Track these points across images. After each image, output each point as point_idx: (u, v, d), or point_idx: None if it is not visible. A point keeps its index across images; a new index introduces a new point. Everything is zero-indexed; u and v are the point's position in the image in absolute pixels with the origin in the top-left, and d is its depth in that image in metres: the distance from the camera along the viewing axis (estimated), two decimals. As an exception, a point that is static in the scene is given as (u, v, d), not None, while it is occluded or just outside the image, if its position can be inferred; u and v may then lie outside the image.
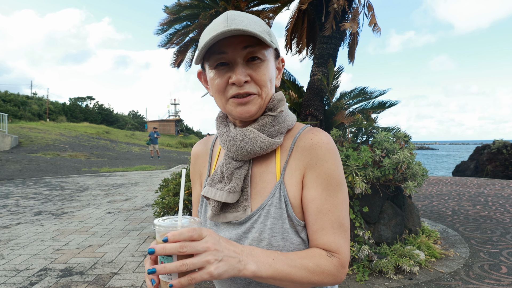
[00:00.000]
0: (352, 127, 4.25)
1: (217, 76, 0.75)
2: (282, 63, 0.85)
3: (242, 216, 0.78)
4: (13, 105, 32.07)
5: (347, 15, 5.02)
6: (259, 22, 0.75)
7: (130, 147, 25.87)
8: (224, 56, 0.73)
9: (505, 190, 8.68)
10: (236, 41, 0.72)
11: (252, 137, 0.76)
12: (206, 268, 0.59)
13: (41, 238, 4.78)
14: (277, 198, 0.75)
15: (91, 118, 41.34)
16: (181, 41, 6.54)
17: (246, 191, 0.79)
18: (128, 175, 12.77)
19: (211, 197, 0.79)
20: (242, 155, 0.78)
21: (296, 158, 0.77)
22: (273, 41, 0.76)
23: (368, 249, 3.45)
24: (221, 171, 0.81)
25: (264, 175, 0.79)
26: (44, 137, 21.17)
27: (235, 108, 0.76)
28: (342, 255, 0.73)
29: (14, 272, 3.54)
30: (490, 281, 3.21)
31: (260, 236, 0.75)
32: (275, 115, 0.79)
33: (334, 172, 0.75)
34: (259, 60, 0.74)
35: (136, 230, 5.15)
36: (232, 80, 0.73)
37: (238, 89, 0.73)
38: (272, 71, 0.77)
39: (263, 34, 0.72)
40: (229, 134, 0.79)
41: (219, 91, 0.76)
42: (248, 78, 0.73)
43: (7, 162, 14.09)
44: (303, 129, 0.81)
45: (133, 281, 3.29)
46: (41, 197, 8.08)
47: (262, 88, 0.75)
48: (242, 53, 0.72)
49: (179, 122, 51.38)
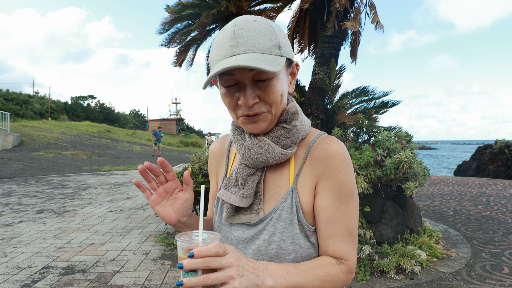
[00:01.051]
0: (353, 127, 4.25)
1: (228, 95, 0.76)
2: (297, 67, 0.85)
3: (255, 219, 0.81)
4: (15, 103, 32.17)
5: (348, 14, 5.01)
6: (268, 34, 0.72)
7: (132, 146, 25.92)
8: (232, 77, 0.74)
9: (507, 190, 8.66)
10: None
11: (266, 148, 0.79)
12: (230, 284, 0.60)
13: (43, 236, 4.80)
14: (289, 204, 0.78)
15: (93, 117, 41.42)
16: (182, 40, 6.54)
17: (259, 195, 0.82)
18: (130, 174, 12.79)
19: (226, 200, 0.83)
20: (256, 164, 0.80)
21: (309, 167, 0.80)
22: (283, 53, 0.74)
23: (370, 249, 3.45)
24: (236, 176, 0.84)
25: (278, 181, 0.82)
26: (46, 136, 21.22)
27: (246, 125, 0.79)
28: (351, 261, 0.77)
29: (16, 269, 3.55)
30: (492, 282, 3.20)
31: (270, 238, 0.78)
32: (289, 128, 0.80)
33: (347, 182, 0.77)
34: (267, 79, 0.73)
35: (138, 229, 5.17)
36: (240, 102, 0.74)
37: (248, 110, 0.75)
38: (282, 86, 0.77)
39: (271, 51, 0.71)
40: (244, 143, 0.82)
41: (230, 108, 0.79)
42: (257, 100, 0.74)
43: (10, 160, 14.13)
44: (318, 137, 0.83)
45: (134, 279, 3.31)
46: (43, 196, 8.11)
47: (272, 105, 0.76)
48: (249, 74, 0.72)
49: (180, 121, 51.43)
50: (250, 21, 0.73)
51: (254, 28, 0.72)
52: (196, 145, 34.36)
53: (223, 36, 0.73)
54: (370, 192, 3.51)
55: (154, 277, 3.38)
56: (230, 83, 0.74)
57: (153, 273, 3.47)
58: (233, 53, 0.70)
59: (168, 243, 4.35)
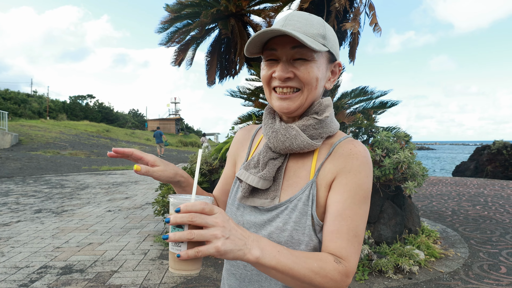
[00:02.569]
0: (352, 127, 4.26)
1: (265, 68, 0.81)
2: (339, 67, 0.87)
3: (269, 204, 0.82)
4: (13, 103, 32.06)
5: (348, 15, 5.01)
6: (317, 25, 0.79)
7: (131, 145, 25.87)
8: (274, 52, 0.79)
9: (504, 190, 8.69)
10: (286, 41, 0.77)
11: (293, 134, 0.80)
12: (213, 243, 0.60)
13: (41, 235, 4.79)
14: (306, 195, 0.79)
15: (91, 117, 41.32)
16: (182, 40, 6.53)
17: (278, 182, 0.83)
18: (128, 174, 12.77)
19: (244, 180, 0.83)
20: (280, 148, 0.82)
21: (331, 163, 0.80)
22: (326, 44, 0.79)
23: (368, 249, 3.45)
24: (258, 158, 0.85)
25: (299, 171, 0.83)
26: (44, 135, 21.17)
27: (276, 101, 0.81)
28: (350, 264, 0.73)
29: (14, 269, 3.54)
30: (490, 281, 3.21)
31: (283, 226, 0.78)
32: (320, 119, 0.82)
33: (364, 184, 0.77)
34: (304, 60, 0.77)
35: (136, 229, 5.16)
36: (274, 75, 0.78)
37: (280, 82, 0.79)
38: (319, 72, 0.79)
39: (315, 37, 0.76)
40: (273, 126, 0.84)
41: (265, 81, 0.82)
42: (291, 75, 0.78)
43: (7, 160, 14.09)
44: (345, 138, 0.84)
45: (133, 279, 3.30)
46: (41, 195, 8.09)
47: (305, 85, 0.79)
48: (290, 52, 0.77)
49: (179, 121, 51.38)
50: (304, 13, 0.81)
51: (306, 17, 0.79)
52: (195, 144, 34.33)
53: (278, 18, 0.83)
54: (369, 192, 3.52)
55: (152, 276, 3.37)
56: (271, 57, 0.79)
57: (152, 273, 3.46)
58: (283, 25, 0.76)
59: (166, 243, 4.35)
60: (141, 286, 3.16)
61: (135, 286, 3.16)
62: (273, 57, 0.79)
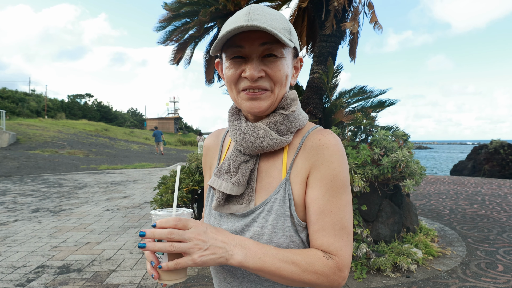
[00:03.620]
0: (351, 126, 4.26)
1: (232, 67, 0.75)
2: (301, 63, 0.85)
3: (245, 209, 0.79)
4: (11, 101, 31.94)
5: (347, 14, 5.01)
6: (281, 19, 0.75)
7: (129, 144, 25.82)
8: (241, 50, 0.73)
9: (501, 189, 8.72)
10: (254, 37, 0.72)
11: (261, 133, 0.77)
12: (190, 255, 0.65)
13: (38, 235, 4.77)
14: (281, 195, 0.76)
15: (90, 116, 41.23)
16: (180, 38, 6.51)
17: (252, 185, 0.79)
18: (127, 173, 12.75)
19: (217, 188, 0.80)
20: (250, 150, 0.78)
21: (302, 157, 0.77)
22: (292, 39, 0.76)
23: (366, 247, 3.46)
24: (229, 163, 0.82)
25: (270, 171, 0.80)
26: (42, 134, 21.10)
27: (246, 101, 0.77)
28: (341, 257, 0.72)
29: (11, 269, 3.53)
30: (487, 279, 3.22)
31: (261, 230, 0.75)
32: (287, 114, 0.79)
33: (340, 174, 0.74)
34: (275, 57, 0.74)
35: (135, 228, 5.15)
36: (245, 74, 0.74)
37: (251, 83, 0.74)
38: (287, 69, 0.77)
39: (283, 32, 0.73)
40: (239, 127, 0.80)
41: (232, 81, 0.77)
42: (262, 74, 0.74)
43: (5, 159, 14.04)
44: (313, 129, 0.81)
45: (131, 278, 3.29)
46: (39, 194, 8.06)
47: (276, 84, 0.76)
48: (259, 49, 0.73)
49: (178, 120, 51.32)
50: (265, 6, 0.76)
51: (269, 11, 0.75)
52: (194, 144, 34.29)
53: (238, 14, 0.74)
54: (367, 190, 3.52)
55: (150, 276, 3.37)
56: (238, 54, 0.74)
57: (150, 272, 3.46)
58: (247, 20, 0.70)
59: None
60: (139, 285, 3.15)
61: (132, 285, 3.15)
62: (239, 54, 0.74)
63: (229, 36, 0.71)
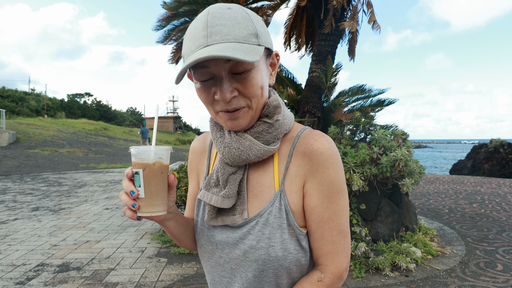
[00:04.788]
0: (350, 125, 4.26)
1: (203, 90, 0.71)
2: (277, 57, 0.79)
3: (239, 220, 0.76)
4: (11, 101, 31.93)
5: (346, 12, 5.01)
6: (244, 22, 0.68)
7: (128, 143, 25.82)
8: (207, 70, 0.68)
9: (501, 188, 8.72)
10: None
11: (247, 145, 0.74)
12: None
13: (38, 233, 4.78)
14: (277, 207, 0.74)
15: (89, 115, 41.21)
16: (179, 38, 6.51)
17: (242, 194, 0.77)
18: (126, 172, 12.75)
19: (207, 202, 0.78)
20: (237, 162, 0.76)
21: (296, 165, 0.75)
22: (261, 42, 0.69)
23: (365, 246, 3.46)
24: (217, 175, 0.79)
25: (261, 179, 0.78)
26: (42, 133, 21.09)
27: (226, 122, 0.74)
28: (338, 264, 0.75)
29: (11, 267, 3.53)
30: (486, 279, 3.23)
31: (257, 244, 0.74)
32: (271, 123, 0.76)
33: (336, 179, 0.73)
34: (245, 71, 0.68)
35: (134, 226, 5.15)
36: (217, 97, 0.69)
37: (226, 105, 0.70)
38: (262, 77, 0.72)
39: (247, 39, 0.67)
40: (223, 140, 0.77)
41: (207, 104, 0.73)
42: (235, 93, 0.69)
43: (5, 158, 14.04)
44: (302, 132, 0.78)
45: (130, 277, 3.30)
46: (39, 193, 8.06)
47: (252, 99, 0.71)
48: (225, 66, 0.67)
49: (177, 119, 51.30)
50: (224, 9, 0.68)
51: (229, 16, 0.67)
52: (193, 143, 34.27)
53: (196, 26, 0.68)
54: (366, 189, 3.52)
55: (149, 274, 3.37)
56: (206, 77, 0.69)
57: (149, 271, 3.46)
58: (206, 44, 0.65)
59: (164, 241, 4.34)
60: (138, 284, 3.16)
61: (132, 284, 3.15)
62: (208, 76, 0.69)
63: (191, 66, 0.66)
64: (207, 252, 0.82)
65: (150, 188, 0.69)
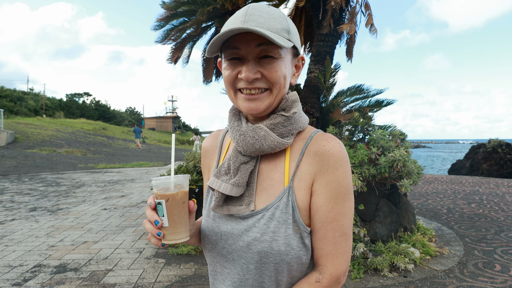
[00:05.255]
0: (348, 125, 4.26)
1: (229, 68, 0.76)
2: (302, 62, 0.85)
3: (245, 211, 0.78)
4: (9, 100, 31.83)
5: (344, 13, 5.00)
6: (279, 18, 0.75)
7: (127, 143, 25.77)
8: (237, 51, 0.74)
9: (499, 188, 8.74)
10: (250, 38, 0.72)
11: (262, 135, 0.77)
12: None
13: (35, 234, 4.76)
14: (284, 203, 0.76)
15: (88, 114, 41.12)
16: (178, 37, 6.49)
17: (252, 186, 0.79)
18: (125, 172, 12.72)
19: (216, 188, 0.79)
20: (251, 151, 0.78)
21: (307, 163, 0.77)
22: (291, 39, 0.75)
23: (364, 247, 3.46)
24: (228, 164, 0.81)
25: (272, 173, 0.79)
26: (40, 133, 21.03)
27: (243, 102, 0.77)
28: (337, 267, 0.76)
29: (8, 268, 3.52)
30: (484, 279, 3.23)
31: (261, 237, 0.75)
32: (287, 116, 0.79)
33: (344, 181, 0.75)
34: (271, 58, 0.74)
35: (132, 227, 5.14)
36: (241, 76, 0.74)
37: (247, 84, 0.75)
38: (286, 69, 0.76)
39: (280, 32, 0.73)
40: (240, 128, 0.80)
41: (229, 82, 0.77)
42: (259, 75, 0.74)
43: (3, 157, 13.99)
44: (315, 133, 0.81)
45: (128, 278, 3.29)
46: (37, 193, 8.04)
47: (274, 84, 0.75)
48: (255, 50, 0.73)
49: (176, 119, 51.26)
50: (263, 5, 0.76)
51: (267, 10, 0.74)
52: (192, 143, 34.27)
53: (236, 15, 0.75)
54: (364, 190, 3.52)
55: (147, 275, 3.36)
56: (234, 56, 0.75)
57: (146, 271, 3.45)
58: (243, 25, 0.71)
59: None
60: (135, 285, 3.14)
61: (129, 285, 3.14)
62: (236, 55, 0.74)
63: (224, 39, 0.72)
64: (210, 243, 0.84)
65: (173, 217, 0.72)
